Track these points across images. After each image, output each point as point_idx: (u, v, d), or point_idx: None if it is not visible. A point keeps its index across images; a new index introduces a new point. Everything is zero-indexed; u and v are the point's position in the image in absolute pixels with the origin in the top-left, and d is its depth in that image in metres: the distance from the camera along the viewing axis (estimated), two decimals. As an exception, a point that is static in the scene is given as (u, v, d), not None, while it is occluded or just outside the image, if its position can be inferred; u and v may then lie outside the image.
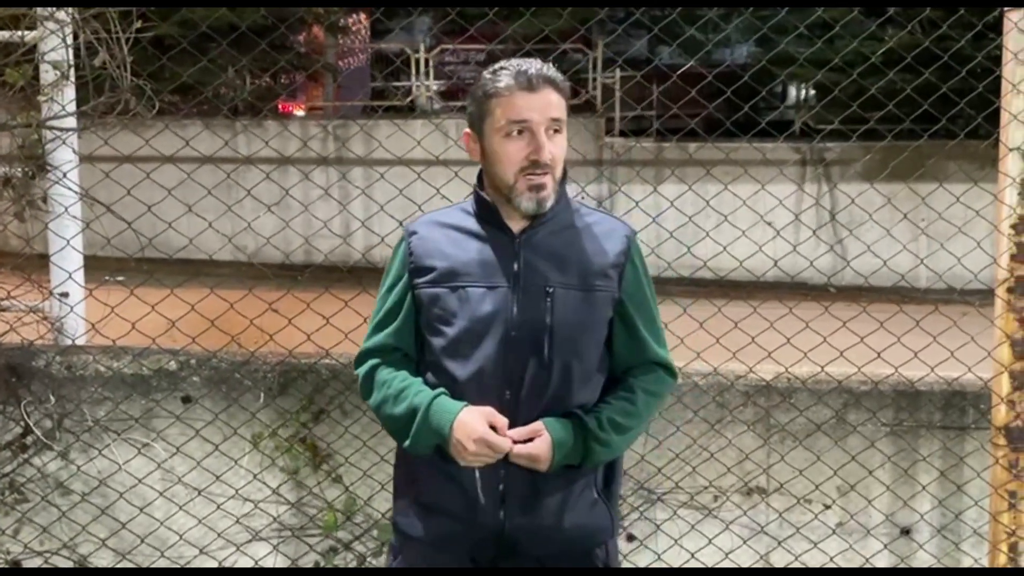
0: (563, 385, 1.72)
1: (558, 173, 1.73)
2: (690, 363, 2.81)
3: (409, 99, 10.14)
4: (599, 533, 1.79)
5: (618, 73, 9.62)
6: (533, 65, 1.71)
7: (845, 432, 2.82)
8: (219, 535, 2.70)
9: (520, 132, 1.68)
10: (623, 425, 1.75)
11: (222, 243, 3.20)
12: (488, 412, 1.68)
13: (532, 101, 1.68)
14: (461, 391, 1.72)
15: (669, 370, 1.84)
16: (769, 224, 3.54)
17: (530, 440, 1.68)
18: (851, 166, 8.52)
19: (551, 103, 1.69)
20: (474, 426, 1.66)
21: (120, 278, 3.32)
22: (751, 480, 2.85)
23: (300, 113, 11.65)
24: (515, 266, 1.73)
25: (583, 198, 2.13)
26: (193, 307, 2.52)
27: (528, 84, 1.68)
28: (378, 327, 1.82)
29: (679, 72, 3.80)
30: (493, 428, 1.67)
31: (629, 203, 3.97)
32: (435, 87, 10.78)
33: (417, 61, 10.28)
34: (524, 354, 1.70)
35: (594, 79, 10.09)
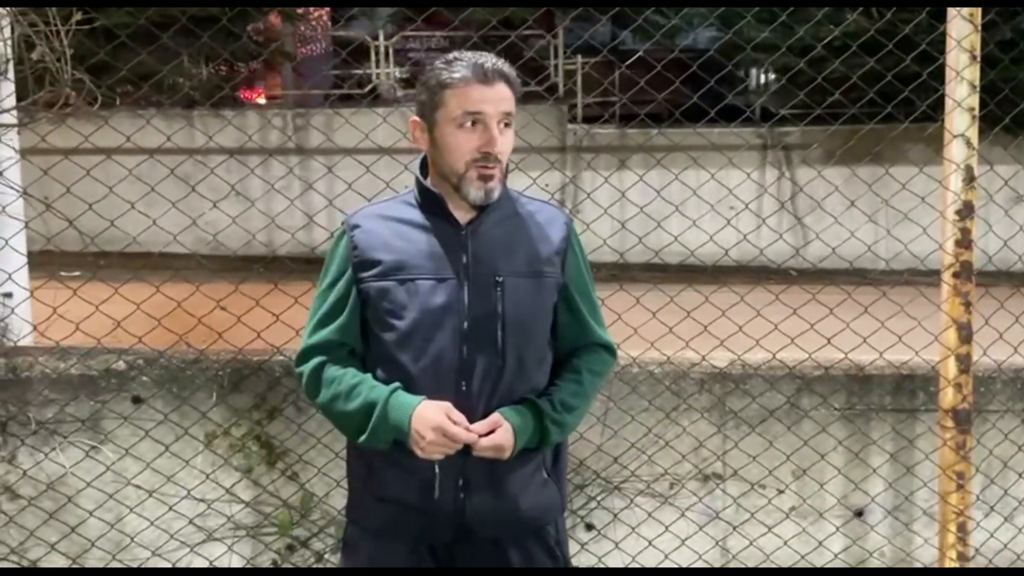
0: (517, 373, 1.75)
1: (505, 164, 1.76)
2: (644, 352, 2.82)
3: (370, 87, 10.02)
4: (550, 511, 1.85)
5: (579, 59, 9.58)
6: (489, 59, 1.73)
7: (798, 417, 2.86)
8: (172, 536, 2.66)
9: (473, 124, 1.70)
10: (573, 405, 1.81)
11: (182, 236, 3.13)
12: (446, 407, 1.70)
13: (487, 94, 1.70)
14: (415, 384, 1.73)
15: (610, 350, 1.90)
16: (740, 204, 3.56)
17: (491, 432, 1.70)
18: (812, 150, 8.59)
19: (504, 97, 1.72)
20: (432, 417, 1.67)
21: (76, 273, 3.25)
22: (707, 467, 2.87)
23: (261, 101, 11.48)
24: (464, 257, 1.74)
25: (547, 184, 2.15)
26: (139, 306, 2.47)
27: (484, 77, 1.70)
28: (321, 323, 1.80)
29: (633, 57, 3.77)
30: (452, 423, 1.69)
31: (594, 189, 3.97)
32: (397, 74, 10.67)
33: (377, 48, 10.17)
34: (478, 345, 1.73)
35: (556, 65, 10.05)
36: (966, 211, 2.60)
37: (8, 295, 2.78)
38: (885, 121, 3.39)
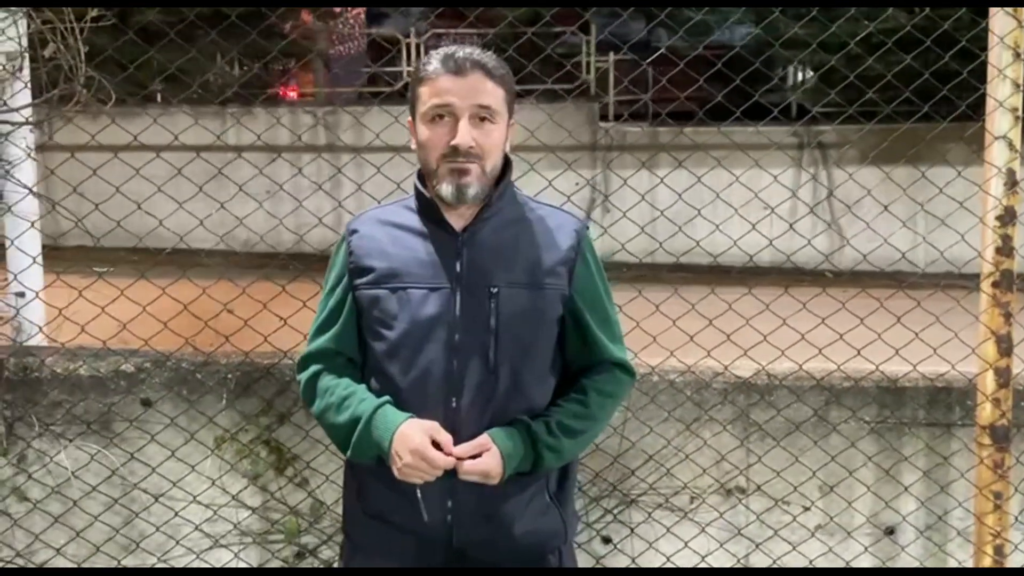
0: (512, 390, 1.65)
1: (489, 164, 1.64)
2: (665, 360, 2.72)
3: (401, 85, 9.99)
4: (551, 539, 1.73)
5: (612, 56, 9.44)
6: (464, 49, 1.63)
7: (826, 431, 2.73)
8: (178, 542, 2.62)
9: (443, 117, 1.61)
10: (574, 428, 1.68)
11: (210, 233, 3.08)
12: (431, 427, 1.60)
13: (457, 85, 1.60)
14: (404, 398, 1.64)
15: (626, 369, 1.76)
16: (772, 205, 3.45)
17: (478, 455, 1.60)
18: (847, 150, 8.37)
19: (480, 89, 1.60)
20: (413, 437, 1.58)
21: (110, 269, 3.24)
22: (729, 481, 2.76)
23: (293, 96, 11.53)
24: (457, 266, 1.65)
25: (577, 184, 2.05)
26: (144, 308, 2.42)
27: (455, 68, 1.60)
28: (320, 330, 1.75)
29: (657, 54, 3.65)
30: (436, 445, 1.59)
31: (624, 188, 3.88)
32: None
33: (409, 46, 10.13)
34: (469, 359, 1.63)
35: (588, 63, 9.92)
36: (1007, 217, 2.46)
37: (21, 294, 2.76)
38: (923, 121, 3.24)
